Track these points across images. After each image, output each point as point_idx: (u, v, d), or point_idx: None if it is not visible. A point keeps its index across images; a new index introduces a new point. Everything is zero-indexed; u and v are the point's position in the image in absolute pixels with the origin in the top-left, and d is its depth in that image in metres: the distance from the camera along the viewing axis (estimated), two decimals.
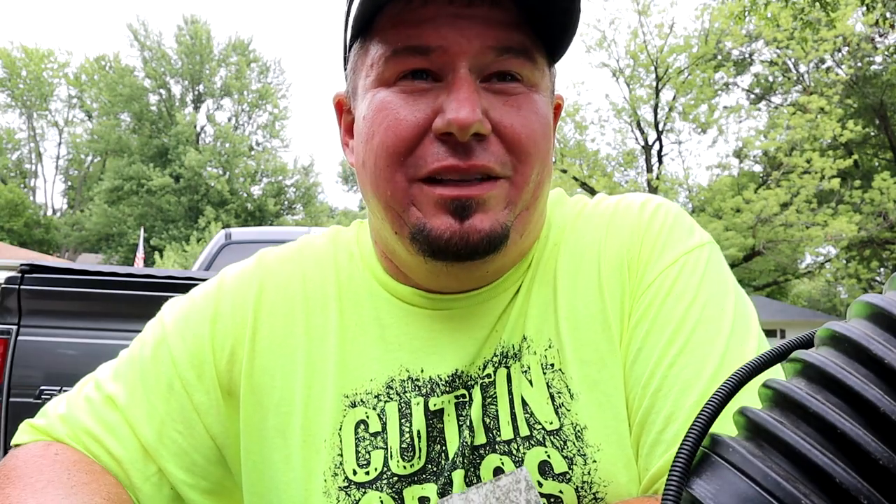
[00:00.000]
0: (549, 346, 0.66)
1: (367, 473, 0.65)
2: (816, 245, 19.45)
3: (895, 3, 9.22)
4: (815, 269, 24.12)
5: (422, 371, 0.67)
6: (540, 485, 0.62)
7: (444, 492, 0.64)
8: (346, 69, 0.70)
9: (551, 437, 0.63)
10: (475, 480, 0.64)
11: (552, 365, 0.65)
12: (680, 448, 0.43)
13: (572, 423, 0.63)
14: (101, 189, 36.14)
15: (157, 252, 30.93)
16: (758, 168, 23.95)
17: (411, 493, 0.65)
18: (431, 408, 0.66)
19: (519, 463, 0.63)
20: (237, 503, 0.73)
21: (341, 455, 0.66)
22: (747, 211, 18.03)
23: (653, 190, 19.98)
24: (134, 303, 2.64)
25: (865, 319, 0.41)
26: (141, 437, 0.68)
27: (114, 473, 0.67)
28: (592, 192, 19.74)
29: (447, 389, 0.66)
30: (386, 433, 0.66)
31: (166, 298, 3.09)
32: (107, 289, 2.64)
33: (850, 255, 21.23)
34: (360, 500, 0.65)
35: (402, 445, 0.66)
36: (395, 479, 0.65)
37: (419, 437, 0.65)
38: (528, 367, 0.65)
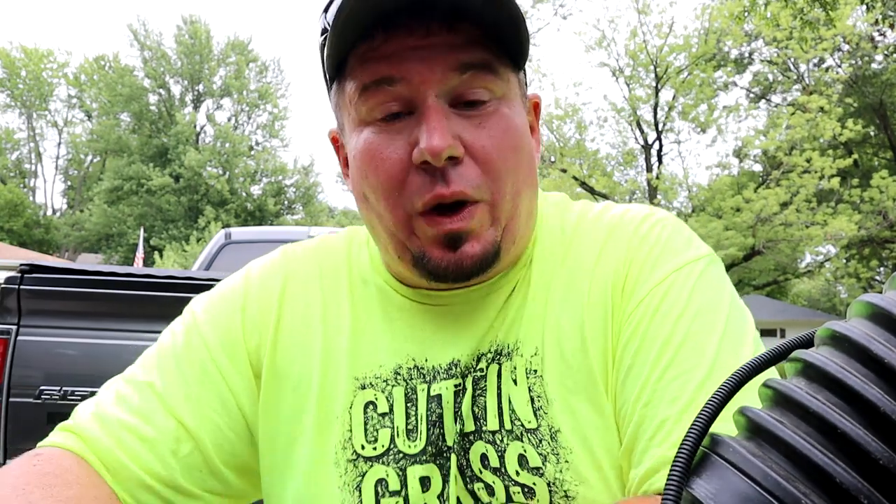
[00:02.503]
0: (535, 354, 0.70)
1: (375, 449, 0.71)
2: (816, 244, 19.45)
3: (895, 3, 9.22)
4: (814, 268, 24.12)
5: (426, 360, 0.73)
6: (517, 474, 0.68)
7: (445, 475, 0.70)
8: (332, 107, 0.76)
9: (528, 435, 0.68)
10: (465, 464, 0.69)
11: (535, 371, 0.70)
12: (680, 448, 0.43)
13: (548, 426, 0.68)
14: (101, 189, 36.14)
15: (156, 252, 30.93)
16: (757, 167, 23.96)
17: (413, 472, 0.70)
18: (432, 393, 0.72)
19: (501, 454, 0.69)
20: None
21: (350, 431, 0.72)
22: (747, 210, 18.03)
23: (652, 190, 19.99)
24: (134, 303, 2.64)
25: (866, 319, 0.41)
26: (179, 418, 0.72)
27: (143, 462, 0.70)
28: (592, 191, 19.73)
29: (445, 377, 0.72)
30: (393, 414, 0.72)
31: (166, 298, 3.10)
32: (107, 289, 2.64)
33: (850, 255, 21.23)
34: (366, 472, 0.71)
35: (408, 427, 0.71)
36: (401, 456, 0.71)
37: (421, 420, 0.71)
38: (515, 368, 0.70)
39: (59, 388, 2.45)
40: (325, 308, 0.78)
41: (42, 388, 2.44)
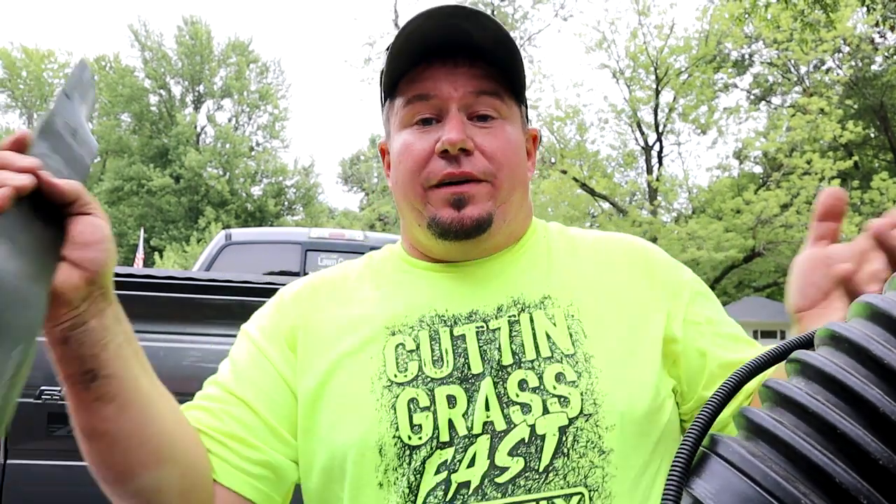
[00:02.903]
0: (571, 304, 0.92)
1: (406, 376, 0.87)
2: None
3: (895, 4, 9.22)
4: None
5: (446, 310, 0.92)
6: (554, 388, 0.84)
7: (471, 396, 0.85)
8: (384, 121, 1.01)
9: (567, 359, 0.87)
10: (503, 391, 0.85)
11: (573, 315, 0.91)
12: (680, 448, 0.43)
13: (584, 353, 0.87)
14: (102, 189, 36.12)
15: (157, 253, 30.93)
16: (758, 169, 23.95)
17: (441, 392, 0.85)
18: (455, 333, 0.90)
19: (540, 376, 0.85)
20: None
21: (384, 365, 0.88)
22: (747, 212, 18.02)
23: (653, 191, 19.99)
24: (134, 303, 2.63)
25: (865, 319, 0.41)
26: (236, 393, 0.91)
27: (207, 424, 0.89)
28: (592, 192, 19.74)
29: (466, 322, 0.91)
30: (419, 350, 0.89)
31: (166, 298, 3.09)
32: None
33: None
34: (399, 395, 0.86)
35: (434, 358, 0.88)
36: (429, 380, 0.86)
37: (446, 353, 0.88)
38: (553, 315, 0.90)
39: (59, 388, 2.45)
40: (353, 294, 0.97)
41: (43, 388, 2.44)
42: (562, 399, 0.83)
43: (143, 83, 37.95)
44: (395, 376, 0.87)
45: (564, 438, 0.81)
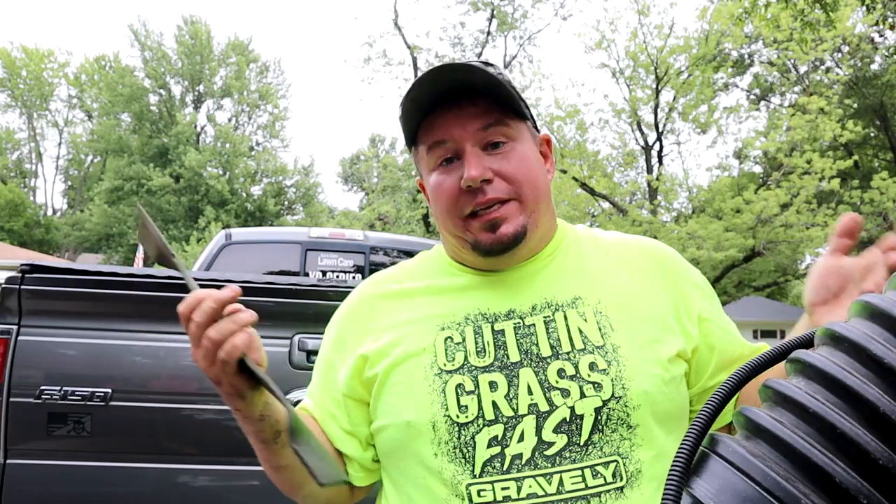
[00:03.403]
0: (599, 302, 1.05)
1: (453, 365, 1.02)
2: (816, 246, 19.41)
3: (895, 4, 9.21)
4: None
5: (488, 309, 1.07)
6: (588, 375, 0.99)
7: (511, 381, 0.99)
8: (414, 162, 1.17)
9: (598, 350, 1.01)
10: (543, 378, 1.00)
11: (601, 312, 1.04)
12: (680, 448, 0.43)
13: (612, 344, 1.01)
14: (101, 189, 36.12)
15: None
16: (758, 169, 23.95)
17: (485, 378, 1.00)
18: (496, 328, 1.05)
19: (576, 365, 0.99)
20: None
21: (435, 356, 1.04)
22: (747, 212, 18.00)
23: (653, 191, 19.98)
24: (134, 303, 2.64)
25: (865, 319, 0.41)
26: (317, 398, 1.14)
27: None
28: (593, 192, 19.73)
29: (505, 319, 1.05)
30: (465, 342, 1.04)
31: (166, 298, 3.08)
32: (107, 289, 2.63)
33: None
34: (448, 381, 1.01)
35: (477, 349, 1.03)
36: (473, 368, 1.01)
37: (488, 345, 1.03)
38: (584, 313, 1.04)
39: (59, 388, 2.45)
40: (407, 298, 1.13)
41: (42, 388, 2.44)
42: (596, 385, 0.98)
43: (143, 83, 37.92)
44: (445, 365, 1.02)
45: (600, 417, 0.97)
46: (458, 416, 0.99)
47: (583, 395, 0.97)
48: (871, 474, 0.35)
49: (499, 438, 0.97)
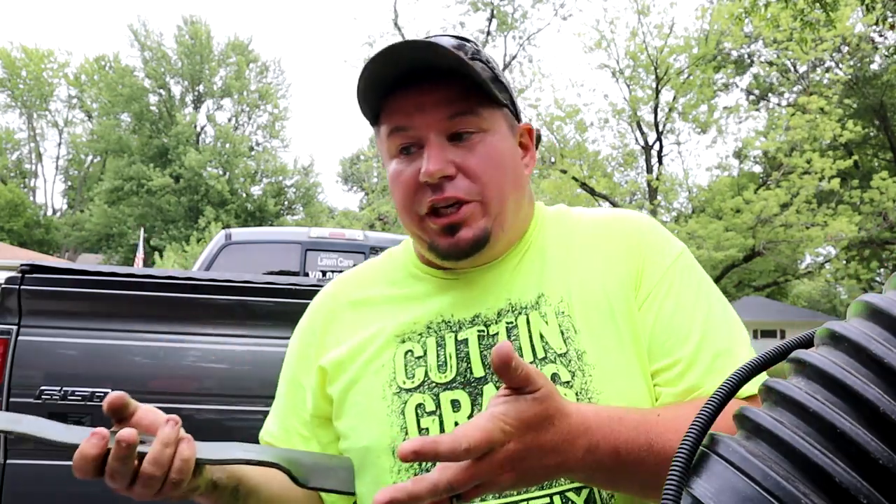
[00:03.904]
0: (562, 300, 0.94)
1: (413, 382, 0.94)
2: (816, 245, 19.42)
3: (895, 3, 9.22)
4: (814, 269, 24.09)
5: (452, 315, 0.97)
6: None
7: (474, 399, 0.91)
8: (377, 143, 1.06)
9: (560, 358, 0.90)
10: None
11: (563, 312, 0.93)
12: (680, 448, 0.43)
13: (575, 349, 0.90)
14: (101, 189, 36.12)
15: (157, 252, 30.92)
16: (757, 168, 23.95)
17: (446, 397, 0.92)
18: (459, 338, 0.95)
19: None
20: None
21: (394, 373, 0.95)
22: (747, 211, 18.01)
23: (653, 191, 19.98)
24: (134, 303, 2.64)
25: (865, 319, 0.41)
26: (277, 414, 1.07)
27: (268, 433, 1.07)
28: (593, 192, 19.72)
29: (469, 326, 0.96)
30: (426, 356, 0.95)
31: (166, 298, 3.07)
32: (107, 289, 2.64)
33: (850, 256, 21.21)
34: (407, 401, 0.93)
35: (439, 363, 0.94)
36: (434, 385, 0.93)
37: (450, 357, 0.94)
38: (546, 314, 0.94)
39: (59, 388, 2.45)
40: (369, 304, 1.04)
41: (42, 388, 2.44)
42: None
43: (142, 83, 37.93)
44: (404, 383, 0.94)
45: None
46: None
47: None
48: (871, 474, 0.35)
49: None
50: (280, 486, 0.93)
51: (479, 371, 0.92)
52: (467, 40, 0.98)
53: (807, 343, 0.46)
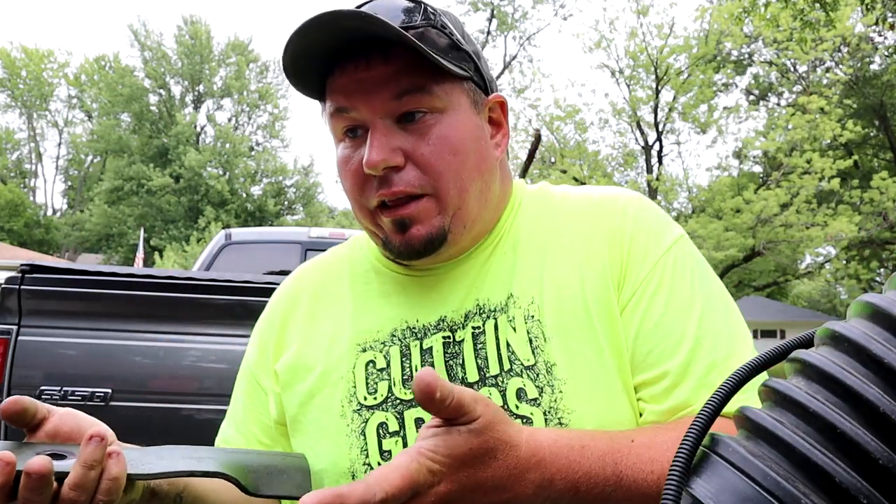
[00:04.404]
0: (532, 302, 0.81)
1: (375, 398, 0.83)
2: (816, 245, 19.43)
3: (895, 3, 9.22)
4: (814, 269, 24.10)
5: (416, 321, 0.86)
6: (517, 407, 0.77)
7: None
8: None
9: (527, 371, 0.78)
10: None
11: (532, 316, 0.81)
12: (680, 448, 0.43)
13: (545, 361, 0.78)
14: (101, 189, 36.12)
15: (157, 252, 30.92)
16: (757, 168, 23.95)
17: (410, 415, 0.81)
18: (424, 347, 0.84)
19: (503, 392, 0.78)
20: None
21: (354, 387, 0.84)
22: (747, 211, 18.01)
23: (652, 191, 19.98)
24: (134, 303, 2.64)
25: (865, 319, 0.41)
26: (235, 418, 0.95)
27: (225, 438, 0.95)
28: None
29: (434, 331, 0.84)
30: (390, 368, 0.84)
31: (166, 298, 3.08)
32: (107, 289, 2.64)
33: (850, 256, 21.22)
34: (369, 419, 0.82)
35: (404, 376, 0.83)
36: (398, 402, 0.82)
37: (416, 370, 0.81)
38: (514, 318, 0.81)
39: (59, 388, 2.45)
40: (330, 303, 0.93)
41: (42, 388, 2.44)
42: (525, 420, 0.76)
43: (142, 83, 37.92)
44: (365, 399, 0.83)
45: None
46: (379, 465, 0.79)
47: None
48: (871, 474, 0.35)
49: None
50: (229, 495, 0.82)
51: None
52: (422, 3, 0.83)
53: (807, 343, 0.46)
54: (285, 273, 4.98)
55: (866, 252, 21.68)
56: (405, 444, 0.80)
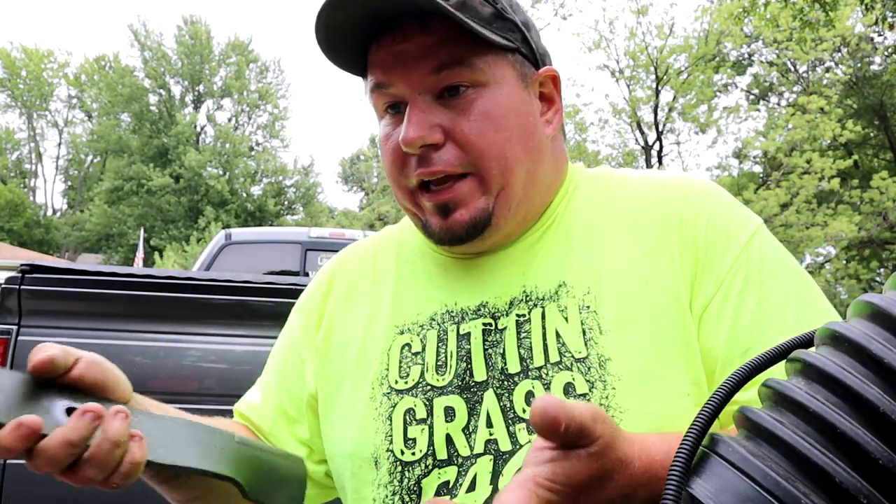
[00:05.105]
0: (588, 292, 0.76)
1: (406, 383, 0.80)
2: (816, 245, 19.40)
3: (894, 3, 9.22)
4: (814, 269, 24.07)
5: (455, 304, 0.82)
6: None
7: (472, 408, 0.76)
8: None
9: (578, 364, 0.73)
10: (508, 405, 0.75)
11: (588, 307, 0.75)
12: (680, 448, 0.43)
13: (598, 354, 0.73)
14: (101, 189, 36.08)
15: (157, 252, 30.90)
16: (757, 168, 23.93)
17: (440, 403, 0.78)
18: (461, 332, 0.80)
19: (547, 386, 0.73)
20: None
21: (387, 369, 0.82)
22: None
23: None
24: (134, 303, 2.64)
25: (865, 319, 0.41)
26: (267, 388, 0.92)
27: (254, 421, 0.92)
28: None
29: (474, 317, 0.80)
30: (425, 353, 0.81)
31: (166, 298, 3.09)
32: (107, 289, 2.64)
33: (850, 256, 21.20)
34: (397, 403, 0.79)
35: (438, 362, 0.80)
36: (429, 388, 0.79)
37: (451, 356, 0.79)
38: (566, 307, 0.76)
39: None
40: (374, 281, 0.90)
41: None
42: None
43: (142, 83, 37.89)
44: (396, 382, 0.81)
45: None
46: (402, 453, 0.77)
47: None
48: (871, 474, 0.35)
49: (450, 485, 0.74)
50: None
51: (480, 374, 0.77)
52: None
53: (807, 343, 0.46)
54: (285, 273, 5.00)
55: (866, 252, 21.66)
56: (431, 433, 0.76)
